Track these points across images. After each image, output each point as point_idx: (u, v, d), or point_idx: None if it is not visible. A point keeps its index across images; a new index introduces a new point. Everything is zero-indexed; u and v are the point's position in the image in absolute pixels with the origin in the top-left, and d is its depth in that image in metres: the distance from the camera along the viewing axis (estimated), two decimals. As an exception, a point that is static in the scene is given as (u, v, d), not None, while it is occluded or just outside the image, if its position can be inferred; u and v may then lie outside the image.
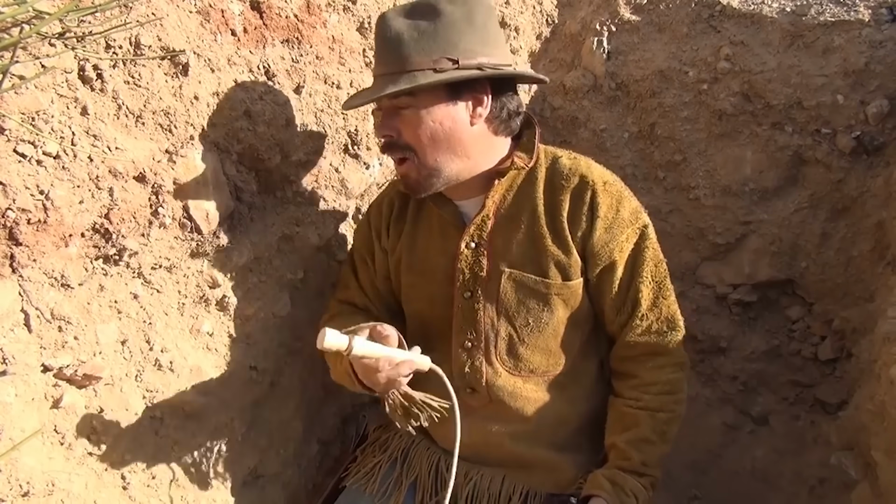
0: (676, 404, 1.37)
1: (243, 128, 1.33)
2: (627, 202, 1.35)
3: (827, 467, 1.81)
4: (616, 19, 2.12)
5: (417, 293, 1.45)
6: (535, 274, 1.34)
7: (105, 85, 1.09)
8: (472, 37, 1.24)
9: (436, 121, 1.25)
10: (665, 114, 2.07)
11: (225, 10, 1.28)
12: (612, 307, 1.37)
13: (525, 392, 1.39)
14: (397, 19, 1.24)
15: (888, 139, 1.85)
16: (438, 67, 1.21)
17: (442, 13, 1.22)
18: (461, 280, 1.37)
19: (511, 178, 1.35)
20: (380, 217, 1.49)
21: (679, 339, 1.38)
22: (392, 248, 1.46)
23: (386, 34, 1.24)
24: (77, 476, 1.11)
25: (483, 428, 1.41)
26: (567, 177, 1.33)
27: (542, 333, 1.37)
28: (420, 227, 1.44)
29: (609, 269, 1.34)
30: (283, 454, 1.59)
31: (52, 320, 1.07)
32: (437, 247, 1.41)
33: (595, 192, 1.31)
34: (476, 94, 1.27)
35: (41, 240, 1.02)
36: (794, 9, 1.94)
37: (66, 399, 1.11)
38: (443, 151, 1.28)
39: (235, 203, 1.37)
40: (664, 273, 1.37)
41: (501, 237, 1.35)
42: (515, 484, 1.41)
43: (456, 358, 1.40)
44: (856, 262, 1.94)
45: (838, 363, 2.01)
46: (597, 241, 1.32)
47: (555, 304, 1.35)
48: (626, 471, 1.31)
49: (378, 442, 1.56)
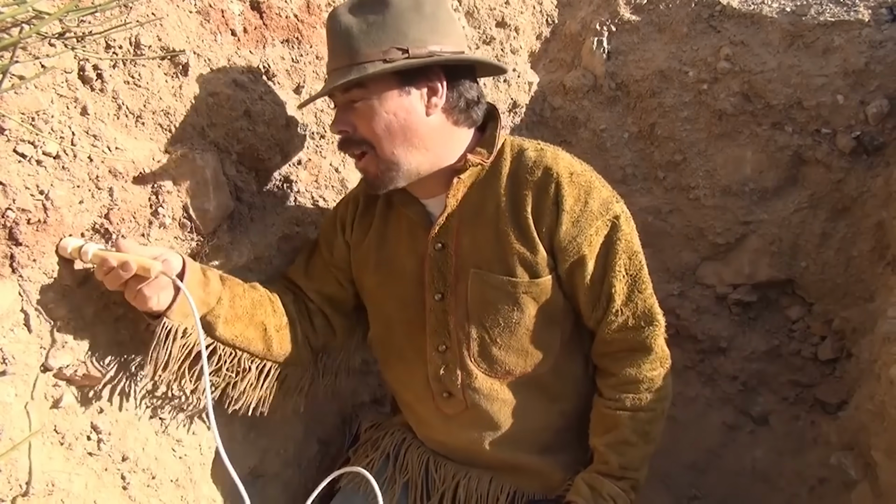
0: (658, 402, 1.33)
1: (243, 128, 1.33)
2: (597, 193, 1.29)
3: (827, 467, 1.81)
4: (616, 19, 2.12)
5: (387, 293, 1.40)
6: (501, 273, 1.29)
7: (105, 85, 1.09)
8: (422, 25, 1.21)
9: (389, 111, 1.22)
10: (665, 114, 2.07)
11: (225, 10, 1.28)
12: (587, 303, 1.33)
13: (503, 395, 1.36)
14: (346, 14, 1.21)
15: (888, 139, 1.85)
16: (388, 58, 1.18)
17: (390, 4, 1.19)
18: (430, 282, 1.33)
19: (473, 173, 1.31)
20: (346, 210, 1.45)
21: (657, 333, 1.33)
22: (357, 244, 1.43)
23: (336, 28, 1.21)
24: (77, 476, 1.11)
25: (463, 435, 1.40)
26: (531, 169, 1.28)
27: (515, 333, 1.32)
28: (389, 226, 1.40)
29: (578, 263, 1.29)
30: (284, 454, 1.59)
31: (51, 320, 1.07)
32: (405, 247, 1.37)
33: (560, 185, 1.26)
34: (430, 82, 1.24)
35: (41, 240, 1.02)
36: (794, 9, 1.94)
37: (66, 399, 1.11)
38: (399, 143, 1.24)
39: (235, 203, 1.37)
40: (639, 265, 1.32)
41: (468, 236, 1.31)
42: (503, 485, 1.41)
43: (431, 362, 1.37)
44: (856, 262, 1.94)
45: (838, 363, 2.01)
46: (563, 236, 1.27)
47: (524, 302, 1.30)
48: (604, 475, 1.30)
49: (370, 441, 1.56)
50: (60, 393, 1.10)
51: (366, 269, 1.42)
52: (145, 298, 1.09)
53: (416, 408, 1.46)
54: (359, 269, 1.43)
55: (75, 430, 1.13)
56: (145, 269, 1.06)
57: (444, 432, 1.43)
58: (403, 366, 1.44)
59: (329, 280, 1.45)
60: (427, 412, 1.43)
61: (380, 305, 1.44)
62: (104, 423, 1.17)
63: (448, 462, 1.46)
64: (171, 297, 1.13)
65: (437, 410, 1.40)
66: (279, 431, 1.56)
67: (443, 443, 1.46)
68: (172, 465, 1.31)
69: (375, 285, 1.42)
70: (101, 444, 1.17)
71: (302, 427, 1.64)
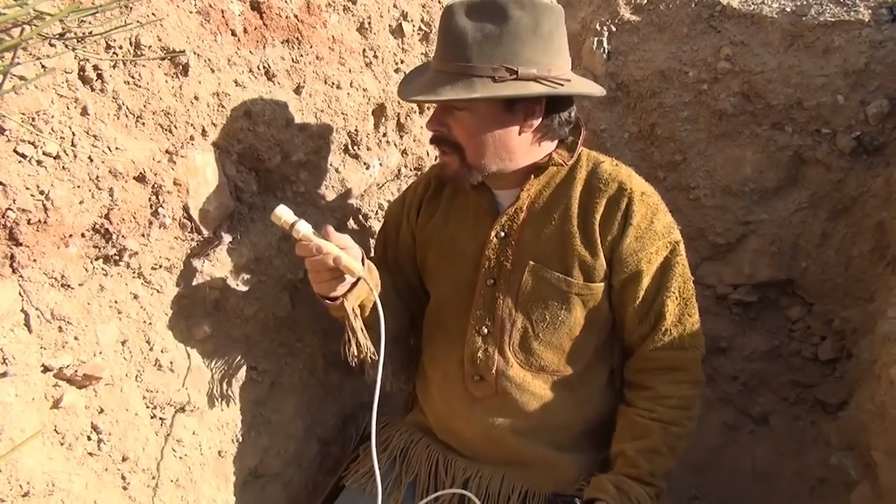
0: (689, 420, 1.37)
1: (243, 128, 1.33)
2: (662, 216, 1.35)
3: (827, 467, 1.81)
4: (616, 19, 2.12)
5: (443, 274, 1.47)
6: (558, 271, 1.34)
7: (105, 85, 1.09)
8: (536, 46, 1.22)
9: (486, 126, 1.27)
10: (665, 114, 2.08)
11: (225, 10, 1.28)
12: (635, 317, 1.37)
13: (533, 387, 1.39)
14: (464, 16, 1.22)
15: (888, 139, 1.85)
16: (497, 76, 1.20)
17: (510, 18, 1.20)
18: (486, 267, 1.39)
19: (550, 174, 1.37)
20: (415, 195, 1.53)
21: (698, 357, 1.38)
22: (422, 226, 1.50)
23: (451, 28, 1.23)
24: (77, 476, 1.11)
25: (485, 421, 1.41)
26: (606, 181, 1.34)
27: (557, 331, 1.37)
28: (454, 210, 1.47)
29: (634, 277, 1.34)
30: (284, 454, 1.59)
31: (52, 320, 1.07)
32: (468, 231, 1.43)
33: (631, 201, 1.32)
34: (530, 105, 1.28)
35: (41, 240, 1.02)
36: (794, 9, 1.94)
37: (67, 399, 1.11)
38: (489, 154, 1.30)
39: (235, 203, 1.37)
40: (691, 291, 1.38)
41: (531, 231, 1.36)
42: (514, 483, 1.41)
43: (470, 343, 1.41)
44: (856, 262, 1.94)
45: (838, 363, 2.02)
46: (626, 249, 1.32)
47: (574, 303, 1.35)
48: (632, 478, 1.30)
49: (379, 440, 1.56)
50: (61, 393, 1.10)
51: (428, 248, 1.49)
52: (332, 288, 1.24)
53: (444, 388, 1.48)
54: (422, 248, 1.51)
55: (75, 430, 1.13)
56: (351, 270, 1.20)
57: (464, 417, 1.45)
58: (444, 343, 1.48)
59: (406, 268, 1.55)
60: (454, 393, 1.46)
61: (435, 284, 1.51)
62: (104, 424, 1.17)
63: (458, 459, 1.46)
64: (349, 287, 1.26)
65: (465, 392, 1.44)
66: (280, 431, 1.57)
67: (457, 432, 1.47)
68: (173, 465, 1.31)
69: (434, 265, 1.49)
70: (102, 445, 1.17)
71: (302, 427, 1.64)
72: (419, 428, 1.55)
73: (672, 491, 2.13)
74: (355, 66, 1.58)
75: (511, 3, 1.21)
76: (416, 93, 1.29)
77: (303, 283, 1.56)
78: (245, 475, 1.48)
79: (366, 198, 1.73)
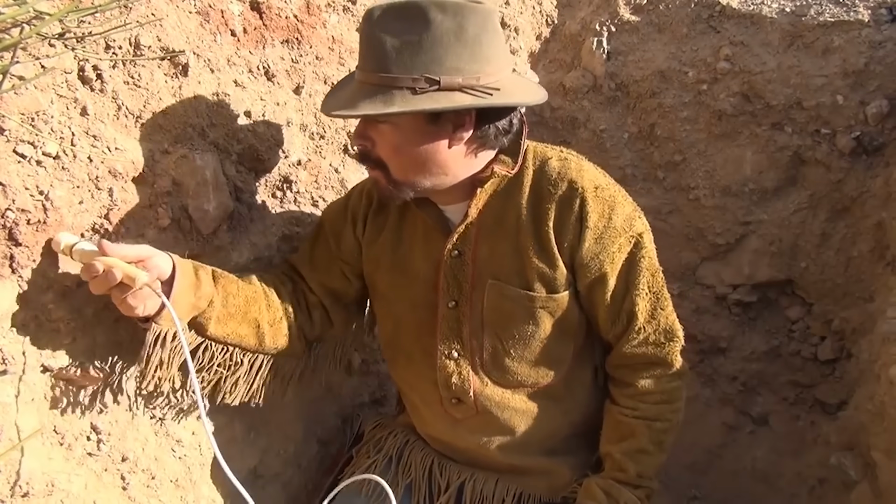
0: (673, 413, 1.34)
1: (243, 128, 1.33)
2: (621, 208, 1.25)
3: (827, 467, 1.81)
4: (616, 19, 2.12)
5: (399, 295, 1.38)
6: (519, 286, 1.27)
7: (105, 85, 1.09)
8: (461, 52, 1.11)
9: (411, 142, 1.17)
10: (665, 114, 2.07)
11: (224, 10, 1.28)
12: (607, 319, 1.31)
13: (514, 403, 1.36)
14: (383, 20, 1.12)
15: (888, 139, 1.85)
16: (418, 87, 1.10)
17: (430, 23, 1.09)
18: (445, 288, 1.31)
19: (496, 183, 1.26)
20: (359, 205, 1.40)
21: (677, 348, 1.33)
22: (370, 242, 1.39)
23: (369, 36, 1.14)
24: (77, 476, 1.11)
25: (471, 440, 1.39)
26: (555, 182, 1.24)
27: (529, 346, 1.31)
28: (405, 227, 1.36)
29: (600, 280, 1.27)
30: (284, 454, 1.59)
31: (51, 321, 1.07)
32: (420, 250, 1.34)
33: (584, 200, 1.22)
34: (458, 117, 1.16)
35: (41, 240, 1.02)
36: (793, 9, 1.95)
37: (66, 399, 1.11)
38: (417, 170, 1.20)
39: (235, 203, 1.37)
40: (661, 283, 1.31)
41: (486, 246, 1.28)
42: (509, 487, 1.41)
43: (442, 368, 1.35)
44: (855, 262, 1.94)
45: (838, 363, 2.02)
46: (585, 253, 1.24)
47: (540, 316, 1.29)
48: (621, 482, 1.30)
49: (373, 441, 1.55)
50: (60, 393, 1.10)
51: (378, 268, 1.39)
52: (131, 307, 1.06)
53: (423, 410, 1.45)
54: (371, 268, 1.40)
55: (75, 430, 1.13)
56: (130, 278, 1.02)
57: (450, 435, 1.43)
58: (411, 367, 1.42)
59: (333, 272, 1.42)
60: (434, 415, 1.43)
61: (391, 306, 1.41)
62: (104, 424, 1.17)
63: (452, 463, 1.46)
64: (160, 303, 1.09)
65: (445, 414, 1.40)
66: (279, 432, 1.56)
67: (448, 444, 1.46)
68: (172, 465, 1.31)
69: (388, 286, 1.39)
70: (101, 445, 1.17)
71: (302, 427, 1.64)
72: (413, 429, 1.53)
73: (671, 491, 2.14)
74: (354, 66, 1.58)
75: (432, 7, 1.10)
76: (337, 107, 1.18)
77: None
78: (245, 475, 1.48)
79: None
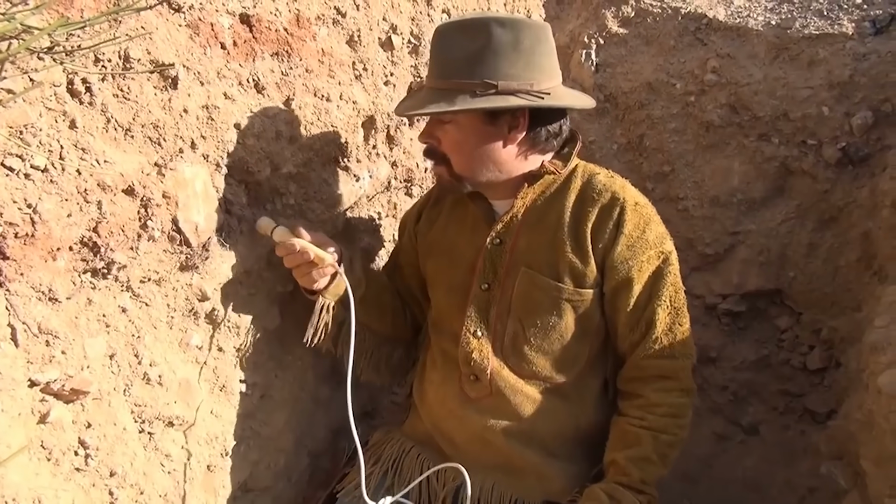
0: (679, 429, 1.38)
1: (233, 141, 1.33)
2: (655, 226, 1.38)
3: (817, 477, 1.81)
4: (604, 32, 2.14)
5: (441, 278, 1.53)
6: (549, 277, 1.38)
7: (94, 98, 1.09)
8: (517, 62, 1.28)
9: (471, 139, 1.34)
10: (653, 125, 2.09)
11: (214, 23, 1.28)
12: (626, 325, 1.39)
13: (526, 390, 1.42)
14: (450, 34, 1.31)
15: (873, 150, 1.87)
16: (479, 91, 1.27)
17: (491, 36, 1.27)
18: (481, 272, 1.43)
19: (545, 184, 1.41)
20: (421, 204, 1.64)
21: (689, 365, 1.39)
22: (423, 234, 1.58)
23: (439, 47, 1.33)
24: (64, 492, 1.10)
25: (479, 422, 1.43)
26: (600, 191, 1.37)
27: (549, 337, 1.39)
28: (454, 218, 1.53)
29: (625, 284, 1.36)
30: (274, 468, 1.58)
31: (39, 334, 1.06)
32: (466, 238, 1.48)
33: (624, 210, 1.35)
34: (513, 118, 1.33)
35: (28, 254, 1.01)
36: (779, 22, 1.97)
37: (54, 414, 1.09)
38: (476, 165, 1.36)
39: (225, 216, 1.36)
40: (683, 301, 1.40)
41: (526, 238, 1.40)
42: (504, 491, 1.41)
43: (465, 343, 1.44)
44: (843, 271, 1.95)
45: (827, 372, 2.03)
46: (617, 256, 1.35)
47: (564, 309, 1.38)
48: (624, 486, 1.31)
49: (370, 452, 1.56)
50: (48, 408, 1.09)
51: (429, 255, 1.56)
52: (312, 280, 1.39)
53: (440, 389, 1.51)
54: (423, 255, 1.58)
55: (62, 445, 1.12)
56: (321, 259, 1.35)
57: (458, 417, 1.46)
58: (442, 345, 1.53)
59: (415, 272, 1.62)
60: (449, 394, 1.48)
61: (434, 288, 1.57)
62: (92, 439, 1.16)
63: (449, 468, 1.46)
64: (329, 280, 1.41)
65: (461, 392, 1.46)
66: (270, 445, 1.56)
67: (452, 433, 1.48)
68: (161, 480, 1.30)
69: (434, 269, 1.55)
70: (89, 460, 1.16)
71: (293, 440, 1.63)
72: (412, 437, 1.55)
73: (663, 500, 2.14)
74: (345, 78, 1.58)
75: (493, 22, 1.28)
76: (407, 108, 1.38)
77: (292, 295, 1.55)
78: (235, 489, 1.47)
79: (356, 210, 1.73)
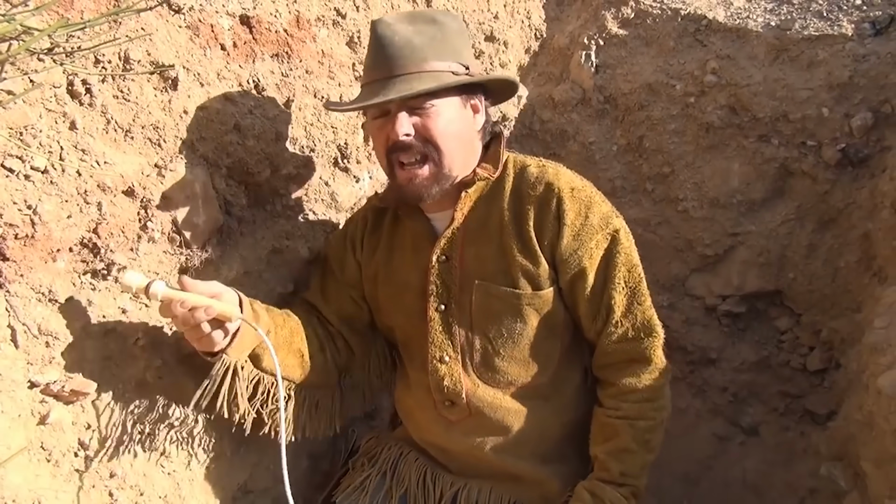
0: (656, 411, 1.35)
1: (233, 142, 1.33)
2: (597, 207, 1.33)
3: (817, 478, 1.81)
4: (604, 33, 2.14)
5: (395, 306, 1.45)
6: (505, 285, 1.33)
7: (94, 99, 1.09)
8: (466, 45, 1.34)
9: (456, 122, 1.30)
10: (653, 127, 2.09)
11: (214, 24, 1.28)
12: (587, 315, 1.37)
13: (506, 403, 1.39)
14: (401, 25, 1.26)
15: (872, 151, 1.87)
16: (454, 71, 1.27)
17: (442, 23, 1.29)
18: (434, 293, 1.37)
19: (479, 189, 1.36)
20: (356, 229, 1.50)
21: (657, 344, 1.36)
22: (367, 262, 1.47)
23: (392, 37, 1.24)
24: (64, 493, 1.10)
25: (465, 441, 1.41)
26: (533, 185, 1.33)
27: (517, 344, 1.37)
28: (395, 242, 1.45)
29: (579, 276, 1.33)
30: (273, 469, 1.57)
31: (39, 336, 1.06)
32: (410, 261, 1.41)
33: (561, 200, 1.30)
34: (476, 103, 1.35)
35: (28, 255, 1.01)
36: (778, 23, 1.97)
37: (53, 415, 1.09)
38: (458, 152, 1.31)
39: (225, 217, 1.36)
40: (638, 278, 1.36)
41: (472, 249, 1.35)
42: (502, 496, 1.41)
43: (433, 371, 1.39)
44: (843, 272, 1.95)
45: (827, 373, 2.02)
46: (565, 249, 1.31)
47: (527, 313, 1.35)
48: (605, 482, 1.31)
49: (367, 455, 1.56)
50: (48, 409, 1.09)
51: (376, 284, 1.47)
52: (213, 342, 1.15)
53: (418, 415, 1.48)
54: (370, 285, 1.48)
55: (62, 446, 1.12)
56: (226, 316, 1.12)
57: (445, 438, 1.44)
58: (412, 372, 1.48)
59: (344, 300, 1.49)
60: (429, 419, 1.45)
61: (391, 317, 1.48)
62: (91, 440, 1.16)
63: (446, 473, 1.46)
64: (231, 337, 1.18)
65: (440, 417, 1.43)
66: (268, 447, 1.55)
67: (443, 448, 1.47)
68: (160, 481, 1.30)
69: (385, 298, 1.46)
70: (89, 461, 1.16)
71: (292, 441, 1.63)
72: (407, 442, 1.54)
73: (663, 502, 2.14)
74: (345, 79, 1.58)
75: (436, 12, 1.38)
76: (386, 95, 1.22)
77: (293, 296, 1.55)
78: (234, 491, 1.47)
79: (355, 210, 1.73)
